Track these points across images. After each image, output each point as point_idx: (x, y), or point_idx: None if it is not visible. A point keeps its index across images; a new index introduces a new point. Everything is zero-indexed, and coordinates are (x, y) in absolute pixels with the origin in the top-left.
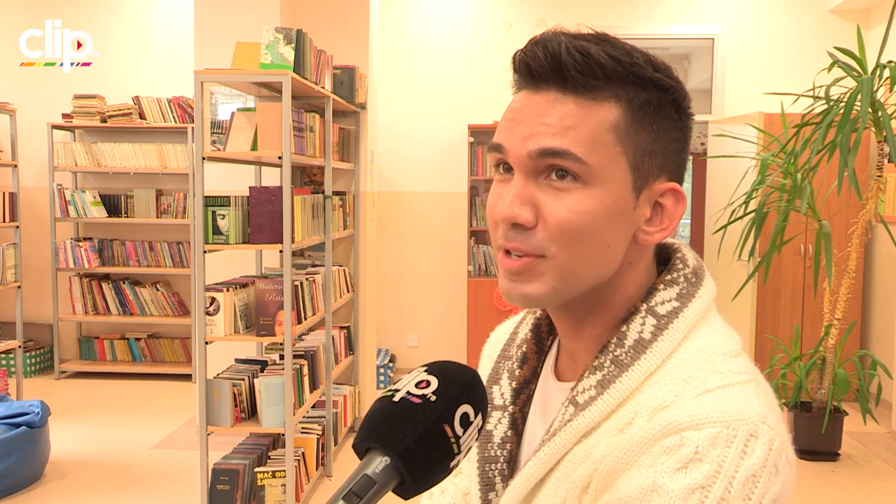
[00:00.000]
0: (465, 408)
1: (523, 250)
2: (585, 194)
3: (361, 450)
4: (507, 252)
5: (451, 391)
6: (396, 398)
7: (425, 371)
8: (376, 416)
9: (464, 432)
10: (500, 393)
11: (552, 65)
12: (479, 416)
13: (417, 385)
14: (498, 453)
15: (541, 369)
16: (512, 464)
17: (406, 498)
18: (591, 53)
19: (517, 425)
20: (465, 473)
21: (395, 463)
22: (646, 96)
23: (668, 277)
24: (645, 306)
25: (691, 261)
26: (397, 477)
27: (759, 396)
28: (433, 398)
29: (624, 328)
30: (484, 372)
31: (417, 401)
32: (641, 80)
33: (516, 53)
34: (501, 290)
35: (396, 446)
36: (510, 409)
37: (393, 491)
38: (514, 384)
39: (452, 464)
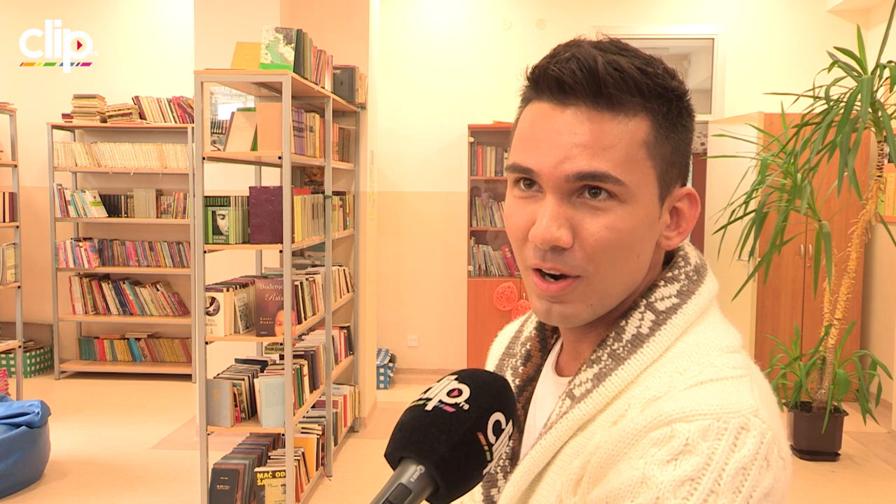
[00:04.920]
0: (498, 415)
1: (562, 270)
2: (622, 212)
3: (395, 459)
4: (540, 272)
5: (484, 399)
6: (429, 407)
7: (456, 379)
8: (409, 426)
9: (496, 440)
10: None
11: (588, 81)
12: (510, 424)
13: (449, 394)
14: None
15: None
16: (514, 460)
17: None
18: (624, 68)
19: (519, 422)
20: None
21: (431, 472)
22: (668, 107)
23: (670, 274)
24: (644, 302)
25: (693, 258)
26: (432, 485)
27: (753, 390)
28: (466, 407)
29: (623, 323)
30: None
31: (451, 409)
32: (666, 92)
33: (542, 67)
34: (538, 311)
35: (432, 455)
36: None
37: (426, 499)
38: (517, 381)
39: (485, 471)
